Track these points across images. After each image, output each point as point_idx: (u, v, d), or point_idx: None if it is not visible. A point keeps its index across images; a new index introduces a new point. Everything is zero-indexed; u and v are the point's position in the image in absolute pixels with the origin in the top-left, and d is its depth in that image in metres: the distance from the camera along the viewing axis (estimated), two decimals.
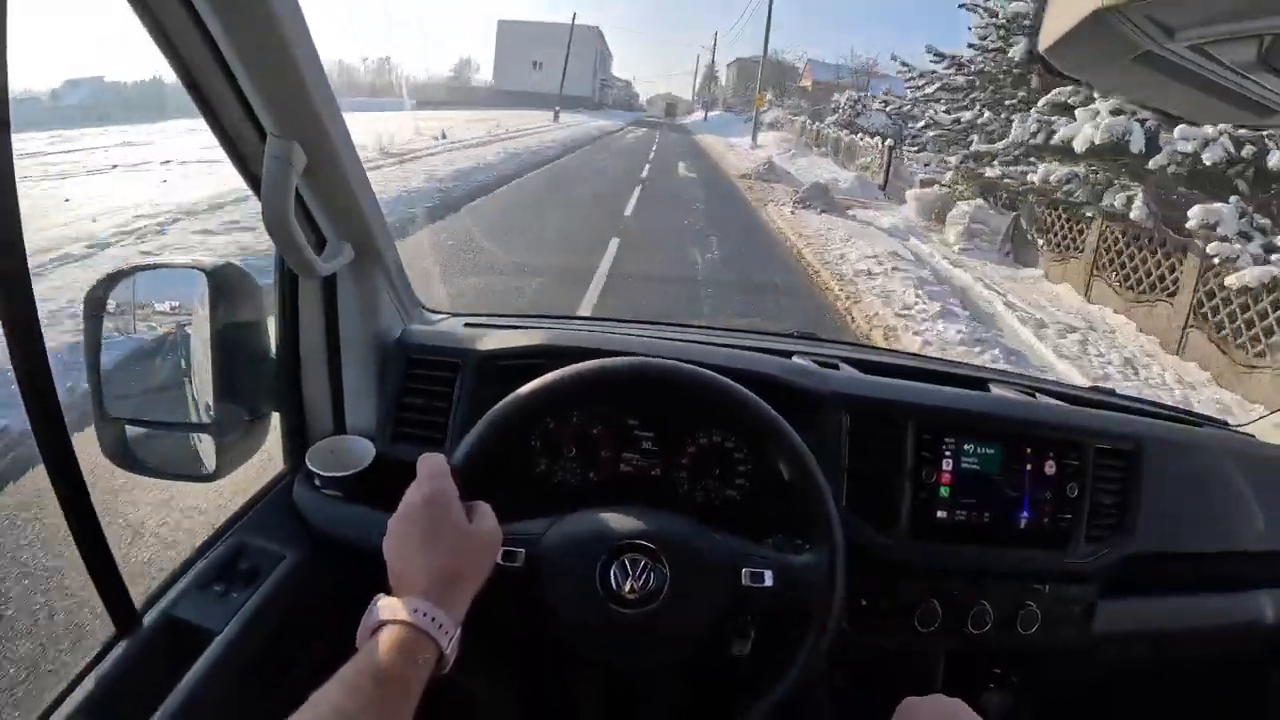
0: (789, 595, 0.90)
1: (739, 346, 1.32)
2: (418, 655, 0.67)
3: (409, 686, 0.66)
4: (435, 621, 0.69)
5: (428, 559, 0.74)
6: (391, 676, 0.64)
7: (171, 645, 0.94)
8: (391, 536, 0.77)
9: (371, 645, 0.67)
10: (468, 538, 0.77)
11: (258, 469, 1.17)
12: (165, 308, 1.08)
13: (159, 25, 0.79)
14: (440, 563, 0.74)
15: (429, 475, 0.80)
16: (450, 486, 0.79)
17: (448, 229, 9.11)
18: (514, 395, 0.94)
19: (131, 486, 2.49)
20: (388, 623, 0.68)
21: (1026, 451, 1.17)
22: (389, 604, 0.70)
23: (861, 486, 1.13)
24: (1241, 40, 0.45)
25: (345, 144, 0.97)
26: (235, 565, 1.04)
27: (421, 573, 0.73)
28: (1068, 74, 0.59)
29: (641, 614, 0.86)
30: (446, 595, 0.72)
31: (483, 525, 0.79)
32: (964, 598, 1.15)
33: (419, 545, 0.75)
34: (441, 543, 0.75)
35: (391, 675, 0.64)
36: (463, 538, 0.76)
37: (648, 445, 1.17)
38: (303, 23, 0.83)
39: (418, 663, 0.67)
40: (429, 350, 1.21)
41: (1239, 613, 1.31)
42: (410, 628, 0.68)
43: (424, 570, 0.73)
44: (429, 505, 0.77)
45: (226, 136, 0.92)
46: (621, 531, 0.90)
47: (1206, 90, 0.53)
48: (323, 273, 1.04)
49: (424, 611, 0.69)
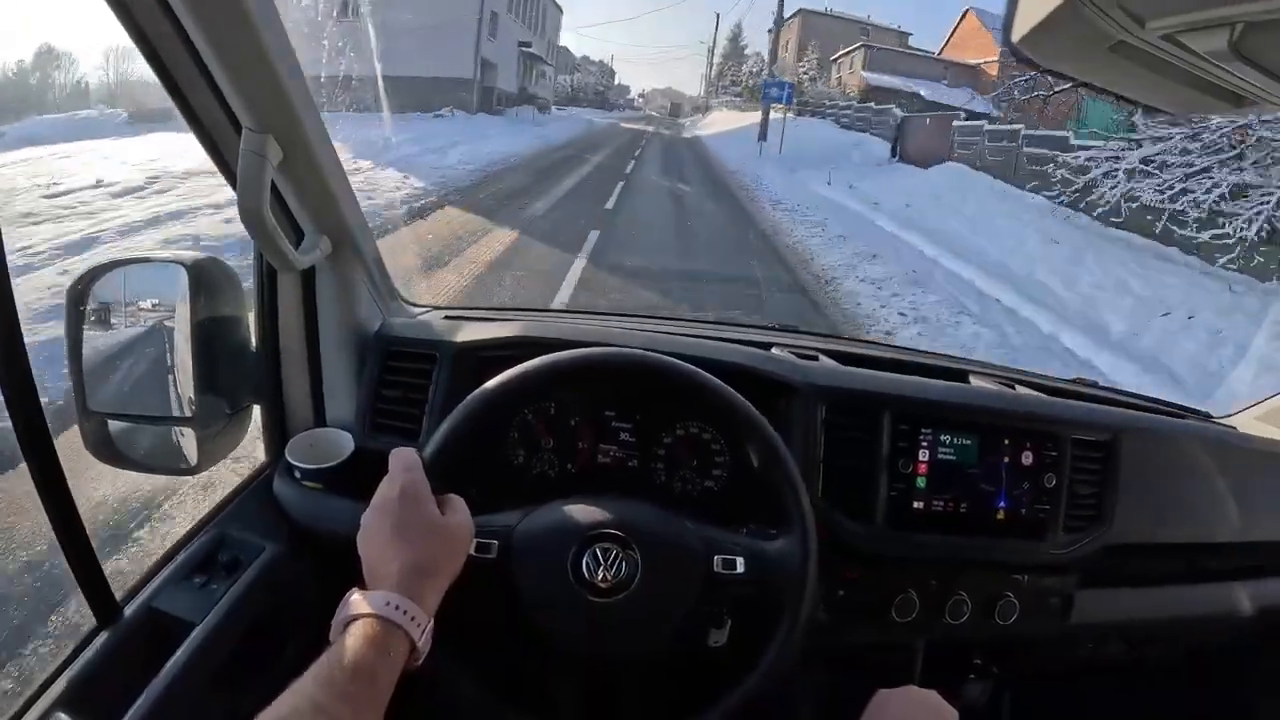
0: (761, 582, 0.91)
1: (717, 338, 1.33)
2: (390, 648, 0.68)
3: (381, 679, 0.66)
4: (407, 614, 0.70)
5: (399, 552, 0.74)
6: (364, 669, 0.65)
7: (152, 637, 0.95)
8: (364, 530, 0.78)
9: (344, 639, 0.67)
10: (440, 531, 0.78)
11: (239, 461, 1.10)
12: (146, 302, 1.08)
13: (133, 19, 0.79)
14: (412, 556, 0.74)
15: (401, 469, 0.81)
16: (422, 479, 0.80)
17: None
18: (484, 386, 0.94)
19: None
20: (360, 616, 0.69)
21: (1004, 442, 1.18)
22: (361, 597, 0.71)
23: (838, 478, 1.14)
24: (1212, 29, 0.45)
25: (320, 138, 0.97)
26: (215, 557, 1.05)
27: (394, 566, 0.73)
28: (1042, 65, 0.59)
29: (614, 603, 0.86)
30: (418, 588, 0.73)
31: (455, 518, 0.80)
32: (942, 588, 1.16)
33: (391, 539, 0.75)
34: (413, 536, 0.76)
35: (364, 668, 0.65)
36: (434, 531, 0.77)
37: (625, 437, 1.17)
38: (275, 16, 0.83)
39: (390, 655, 0.68)
40: (407, 343, 1.21)
41: (1215, 603, 1.32)
42: (382, 620, 0.69)
43: (396, 563, 0.74)
44: (400, 499, 0.78)
45: (203, 130, 0.92)
46: (592, 521, 0.90)
47: (1182, 81, 0.53)
48: (299, 266, 1.05)
49: (395, 604, 0.70)
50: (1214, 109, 0.60)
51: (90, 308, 1.03)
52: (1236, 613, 1.31)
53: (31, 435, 0.82)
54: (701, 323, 1.66)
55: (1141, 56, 0.50)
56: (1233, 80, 0.51)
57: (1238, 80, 0.51)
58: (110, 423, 1.06)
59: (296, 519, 1.12)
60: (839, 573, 1.12)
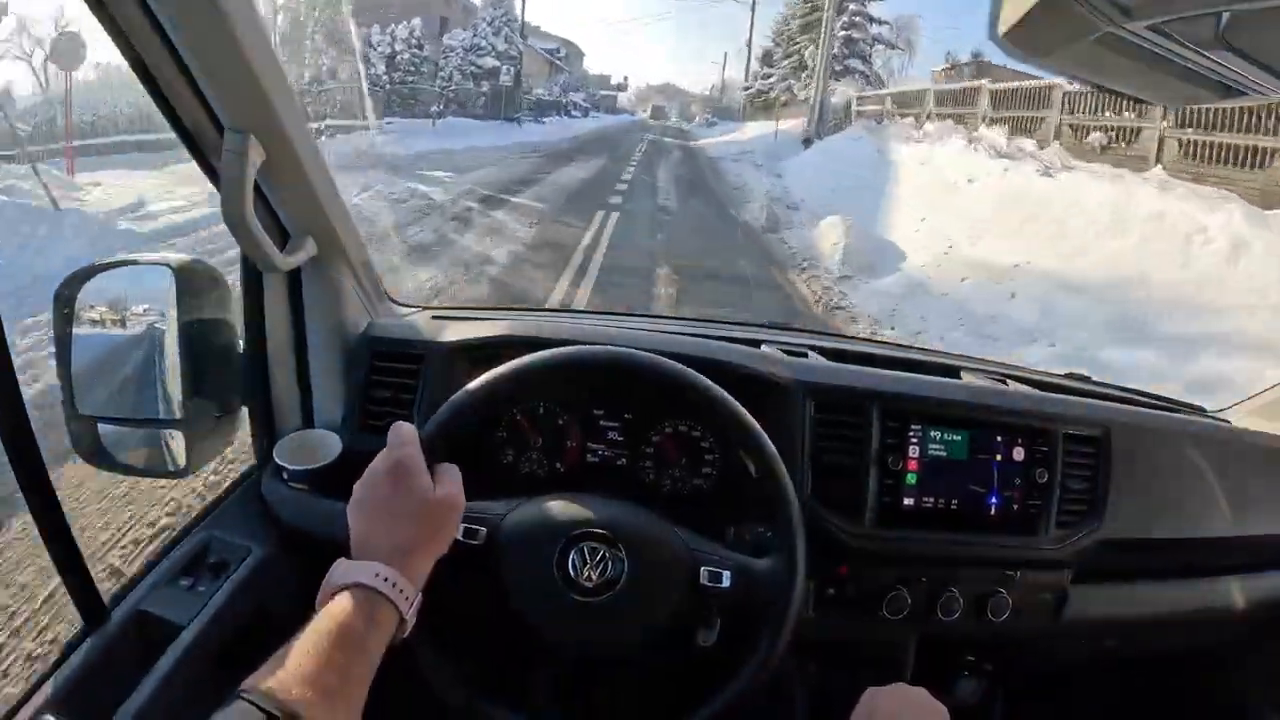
0: (746, 598, 0.90)
1: (707, 336, 1.32)
2: (377, 618, 0.68)
3: (369, 649, 0.66)
4: (395, 586, 0.70)
5: (389, 525, 0.75)
6: (351, 638, 0.65)
7: (139, 639, 0.95)
8: (355, 502, 0.78)
9: (331, 607, 0.67)
10: (430, 505, 0.77)
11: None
12: (133, 304, 1.08)
13: (111, 19, 0.79)
14: (401, 529, 0.75)
15: (398, 443, 0.80)
16: (417, 453, 0.80)
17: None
18: (486, 375, 0.94)
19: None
20: (348, 586, 0.69)
21: (995, 438, 1.18)
22: (349, 567, 0.71)
23: (827, 475, 1.13)
24: (1198, 19, 0.44)
25: (304, 137, 0.97)
26: (203, 559, 1.05)
27: (383, 538, 0.74)
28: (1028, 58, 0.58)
29: (599, 602, 0.87)
30: (407, 562, 0.73)
31: (445, 489, 0.79)
32: (933, 585, 1.15)
33: (382, 511, 0.76)
34: (403, 509, 0.76)
35: (351, 637, 0.65)
36: (425, 505, 0.77)
37: (614, 435, 1.17)
38: (254, 14, 0.83)
39: (377, 625, 0.68)
40: (394, 343, 1.21)
41: (1209, 599, 1.31)
42: (370, 590, 0.69)
43: (385, 536, 0.74)
44: (393, 471, 0.77)
45: (185, 131, 0.92)
46: (580, 519, 0.90)
47: (1170, 71, 0.53)
48: (285, 267, 1.04)
49: (384, 575, 0.70)
50: (1202, 99, 0.60)
51: (78, 310, 1.03)
52: (1230, 608, 1.31)
53: (17, 438, 0.82)
54: (692, 320, 1.65)
55: (1128, 48, 0.50)
56: (1220, 70, 0.51)
57: (1225, 70, 0.51)
58: (99, 425, 1.05)
59: (285, 520, 1.11)
60: (829, 571, 1.11)
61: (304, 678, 0.60)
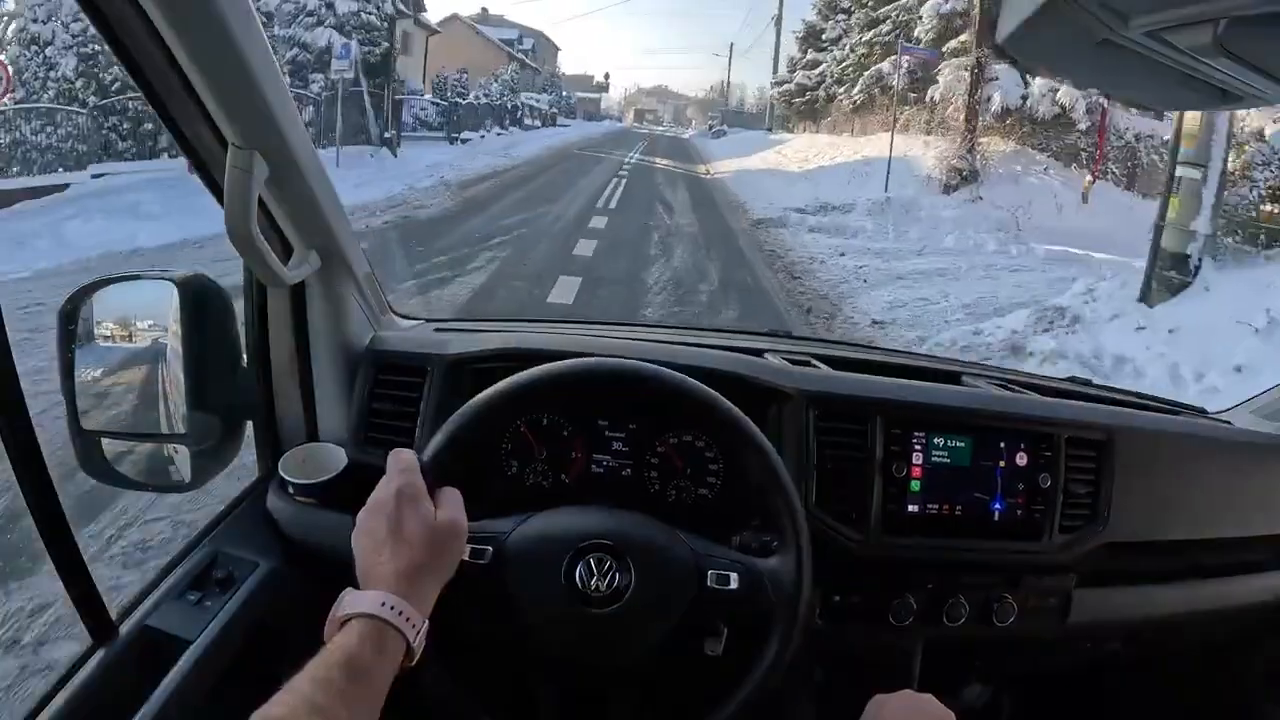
0: (754, 599, 0.90)
1: (710, 346, 1.32)
2: (385, 648, 0.68)
3: (377, 679, 0.67)
4: (402, 614, 0.70)
5: (394, 553, 0.75)
6: (359, 669, 0.65)
7: (147, 654, 0.95)
8: (359, 531, 0.78)
9: (339, 638, 0.68)
10: (433, 531, 0.77)
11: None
12: (138, 320, 1.08)
13: (115, 37, 0.79)
14: (406, 556, 0.75)
15: (398, 470, 0.81)
16: (419, 480, 0.80)
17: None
18: (484, 394, 0.94)
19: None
20: (355, 616, 0.69)
21: (998, 444, 1.18)
22: (356, 597, 0.71)
23: (831, 483, 1.13)
24: (1196, 25, 0.45)
25: (307, 153, 0.97)
26: (210, 574, 1.04)
27: (388, 566, 0.74)
28: (1030, 63, 0.59)
29: (607, 613, 0.86)
30: (413, 589, 0.73)
31: (447, 514, 0.80)
32: (938, 591, 1.15)
33: (385, 539, 0.76)
34: (408, 536, 0.76)
35: (359, 667, 0.65)
36: (428, 531, 0.77)
37: (618, 446, 1.17)
38: (258, 31, 0.83)
39: (385, 655, 0.68)
40: (398, 356, 1.21)
41: (1214, 600, 1.32)
42: (377, 620, 0.69)
43: (390, 564, 0.74)
44: (396, 499, 0.78)
45: (190, 147, 0.92)
46: (586, 531, 0.90)
47: (1168, 77, 0.54)
48: (289, 281, 1.05)
49: (390, 604, 0.70)
50: (1199, 104, 0.61)
51: (82, 326, 1.03)
52: (1235, 608, 1.31)
53: (23, 455, 0.82)
54: (695, 330, 1.66)
55: (1126, 54, 0.50)
56: (1218, 75, 0.52)
57: (1223, 75, 0.51)
58: (103, 441, 1.06)
59: (290, 534, 1.11)
60: (834, 578, 1.11)
61: (314, 708, 0.61)
